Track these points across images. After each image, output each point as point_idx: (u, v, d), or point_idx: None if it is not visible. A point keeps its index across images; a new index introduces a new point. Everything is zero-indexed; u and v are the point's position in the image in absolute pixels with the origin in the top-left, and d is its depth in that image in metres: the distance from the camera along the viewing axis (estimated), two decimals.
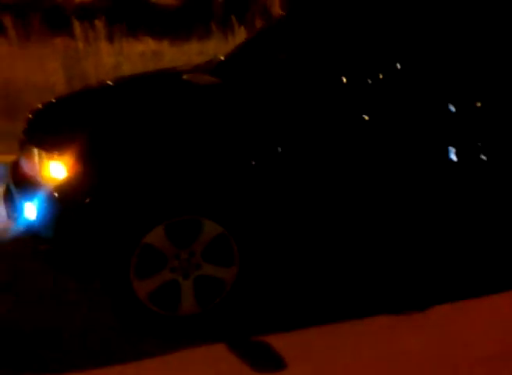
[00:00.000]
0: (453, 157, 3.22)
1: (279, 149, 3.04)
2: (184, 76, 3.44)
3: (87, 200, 2.93)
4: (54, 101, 3.74)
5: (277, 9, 10.30)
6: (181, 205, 2.99)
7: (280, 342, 2.98)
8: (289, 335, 3.06)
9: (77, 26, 7.78)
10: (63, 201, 2.98)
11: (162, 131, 3.03)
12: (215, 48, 7.51)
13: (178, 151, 3.00)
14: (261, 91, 3.21)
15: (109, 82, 3.98)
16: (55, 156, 3.04)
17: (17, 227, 3.18)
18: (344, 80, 3.15)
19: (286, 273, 3.49)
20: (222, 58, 3.95)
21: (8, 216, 3.42)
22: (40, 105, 3.71)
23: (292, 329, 3.11)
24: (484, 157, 3.25)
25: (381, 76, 3.19)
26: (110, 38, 7.99)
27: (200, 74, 3.43)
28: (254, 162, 3.03)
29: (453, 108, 3.22)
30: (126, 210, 2.92)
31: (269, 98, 3.16)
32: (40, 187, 3.04)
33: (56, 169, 3.03)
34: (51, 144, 3.10)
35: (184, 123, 3.06)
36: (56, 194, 2.99)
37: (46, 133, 3.31)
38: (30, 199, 3.04)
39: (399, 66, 3.25)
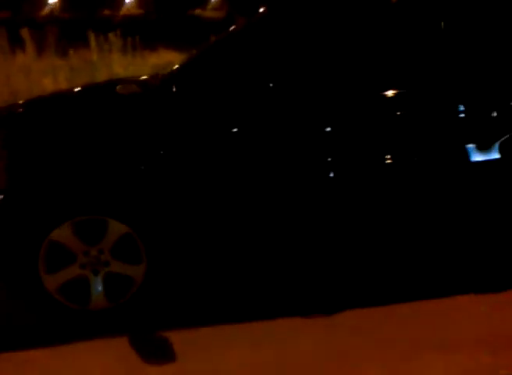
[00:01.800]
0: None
1: (176, 152, 3.22)
2: (117, 87, 3.64)
3: None
4: None
5: None
6: (86, 205, 3.18)
7: (182, 337, 3.12)
8: (192, 331, 3.18)
9: (93, 39, 8.12)
10: None
11: (73, 135, 3.24)
12: None
13: (83, 154, 3.20)
14: (162, 102, 3.37)
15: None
16: None
17: None
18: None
19: (193, 270, 3.63)
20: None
21: None
22: None
23: (196, 325, 3.23)
24: None
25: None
26: (124, 50, 8.30)
27: (129, 85, 3.62)
28: (154, 165, 3.21)
29: None
30: (33, 208, 3.14)
31: (167, 108, 3.33)
32: None
33: None
34: None
35: (93, 128, 3.25)
36: None
37: None
38: None
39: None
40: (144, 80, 3.94)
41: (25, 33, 7.84)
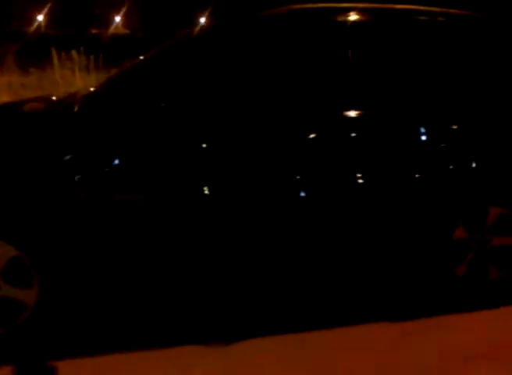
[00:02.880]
0: None
1: (68, 172, 3.16)
2: (24, 105, 3.60)
3: None
4: None
5: None
6: None
7: (72, 367, 3.00)
8: (91, 360, 3.07)
9: (55, 57, 8.11)
10: None
11: None
12: None
13: None
14: (63, 121, 3.35)
15: None
16: None
17: None
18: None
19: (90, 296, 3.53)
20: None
21: None
22: None
23: (88, 354, 3.11)
24: None
25: None
26: (87, 68, 8.29)
27: (35, 103, 3.59)
28: (44, 185, 3.13)
29: None
30: None
31: (66, 127, 3.30)
32: None
33: None
34: None
35: None
36: None
37: None
38: None
39: None
40: (60, 98, 3.90)
41: None
